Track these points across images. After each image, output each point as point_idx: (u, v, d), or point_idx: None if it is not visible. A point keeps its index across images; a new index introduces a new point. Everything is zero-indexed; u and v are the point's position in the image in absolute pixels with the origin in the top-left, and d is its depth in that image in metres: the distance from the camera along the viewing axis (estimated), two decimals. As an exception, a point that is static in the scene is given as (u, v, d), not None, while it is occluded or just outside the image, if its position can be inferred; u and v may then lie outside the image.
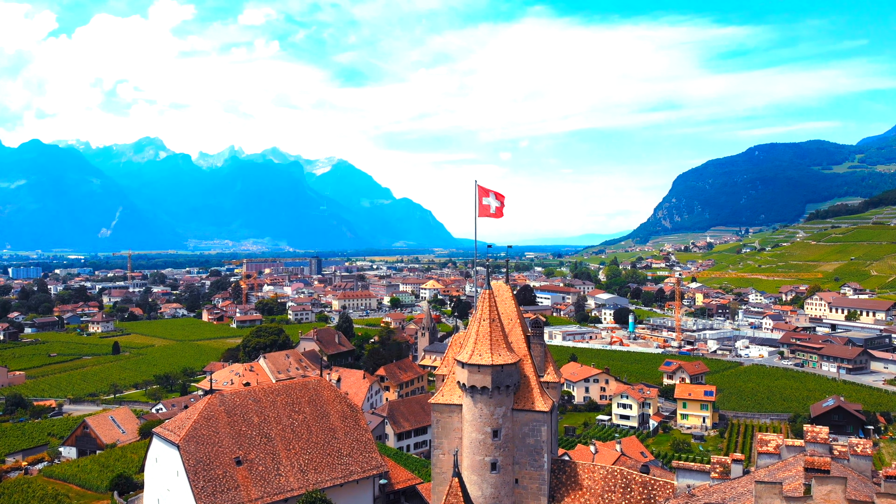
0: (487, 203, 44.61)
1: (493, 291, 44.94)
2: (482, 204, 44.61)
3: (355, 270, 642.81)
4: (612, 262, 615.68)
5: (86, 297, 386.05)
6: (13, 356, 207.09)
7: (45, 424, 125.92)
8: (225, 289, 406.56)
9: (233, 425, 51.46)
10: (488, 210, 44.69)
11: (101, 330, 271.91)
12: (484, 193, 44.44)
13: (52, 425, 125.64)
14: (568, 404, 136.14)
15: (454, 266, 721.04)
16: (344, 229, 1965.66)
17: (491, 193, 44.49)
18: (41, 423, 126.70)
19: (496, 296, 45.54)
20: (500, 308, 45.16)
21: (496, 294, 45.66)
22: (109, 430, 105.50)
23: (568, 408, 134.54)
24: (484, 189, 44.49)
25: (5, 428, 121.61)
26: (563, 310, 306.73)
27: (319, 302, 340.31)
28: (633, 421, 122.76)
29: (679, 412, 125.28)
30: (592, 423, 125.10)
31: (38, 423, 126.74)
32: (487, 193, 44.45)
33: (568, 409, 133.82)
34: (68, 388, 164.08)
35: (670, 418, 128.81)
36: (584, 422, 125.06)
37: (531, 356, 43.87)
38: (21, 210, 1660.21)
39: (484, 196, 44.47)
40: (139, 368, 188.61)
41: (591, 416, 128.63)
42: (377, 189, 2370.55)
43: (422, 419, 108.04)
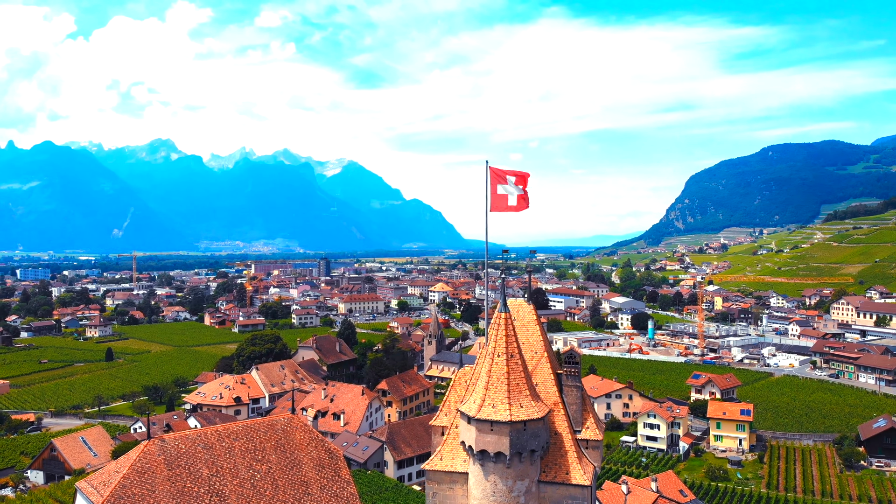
0: (504, 193, 32.79)
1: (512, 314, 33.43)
2: (496, 194, 32.87)
3: (364, 272, 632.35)
4: (625, 264, 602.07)
5: (87, 299, 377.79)
6: (3, 362, 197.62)
7: (19, 441, 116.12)
8: (231, 291, 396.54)
9: (174, 481, 40.01)
10: (504, 202, 32.94)
11: (99, 334, 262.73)
12: (498, 178, 32.58)
13: (28, 442, 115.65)
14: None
15: (464, 268, 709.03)
16: (354, 230, 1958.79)
17: (509, 178, 32.59)
18: (16, 440, 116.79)
19: (517, 320, 34.00)
20: (521, 337, 33.58)
21: (517, 318, 34.11)
22: (79, 452, 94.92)
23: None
24: (499, 173, 32.65)
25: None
26: (577, 314, 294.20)
27: (325, 305, 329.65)
28: (661, 443, 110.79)
29: (712, 433, 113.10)
30: (616, 444, 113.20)
31: (13, 440, 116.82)
32: (503, 178, 32.55)
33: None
34: (53, 398, 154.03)
35: (702, 439, 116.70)
36: (607, 443, 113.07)
37: (564, 404, 32.29)
38: (33, 211, 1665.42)
39: (498, 182, 32.61)
40: (130, 377, 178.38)
41: (614, 437, 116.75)
42: (387, 190, 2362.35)
43: (426, 443, 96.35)
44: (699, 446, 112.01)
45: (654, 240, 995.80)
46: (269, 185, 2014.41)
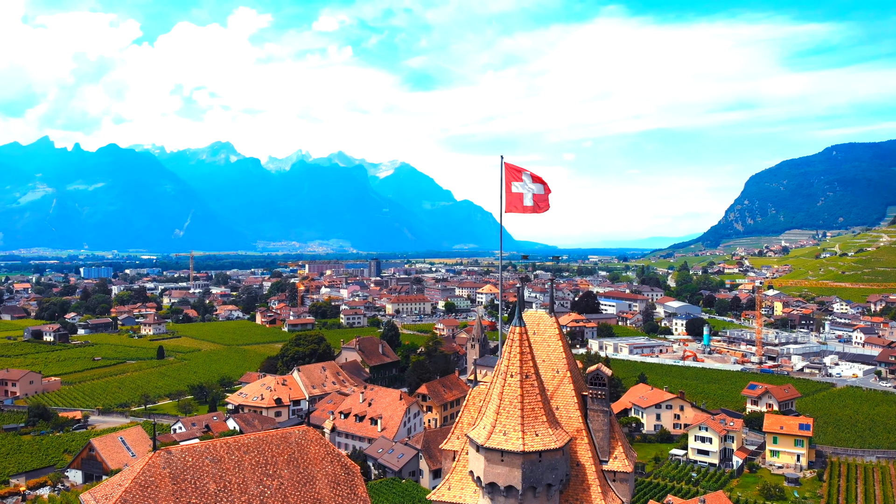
0: (519, 192, 29.60)
1: (529, 328, 30.17)
2: (510, 193, 29.71)
3: (414, 273, 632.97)
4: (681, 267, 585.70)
5: (145, 297, 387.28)
6: (58, 359, 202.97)
7: (64, 439, 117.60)
8: (284, 290, 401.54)
9: (179, 496, 38.08)
10: (520, 202, 29.75)
11: (153, 332, 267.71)
12: (514, 176, 29.42)
13: (72, 440, 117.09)
14: (636, 433, 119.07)
15: (514, 269, 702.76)
16: (405, 231, 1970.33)
17: (525, 175, 29.39)
18: (61, 438, 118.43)
19: (537, 334, 30.72)
20: (541, 353, 30.32)
21: (536, 331, 30.80)
22: (117, 452, 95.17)
23: (636, 437, 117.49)
24: (514, 169, 29.48)
25: (22, 442, 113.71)
26: (629, 319, 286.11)
27: (374, 305, 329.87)
28: (713, 457, 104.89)
29: (768, 448, 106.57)
30: (664, 457, 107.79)
31: (58, 438, 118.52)
32: (519, 175, 29.38)
33: (636, 440, 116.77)
34: (102, 396, 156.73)
35: (757, 454, 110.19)
36: (655, 456, 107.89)
37: (588, 431, 28.85)
38: (99, 211, 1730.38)
39: (513, 180, 29.45)
40: (179, 376, 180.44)
41: (663, 449, 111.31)
42: (439, 191, 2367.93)
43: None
44: (754, 462, 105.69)
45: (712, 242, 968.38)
46: (325, 186, 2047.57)
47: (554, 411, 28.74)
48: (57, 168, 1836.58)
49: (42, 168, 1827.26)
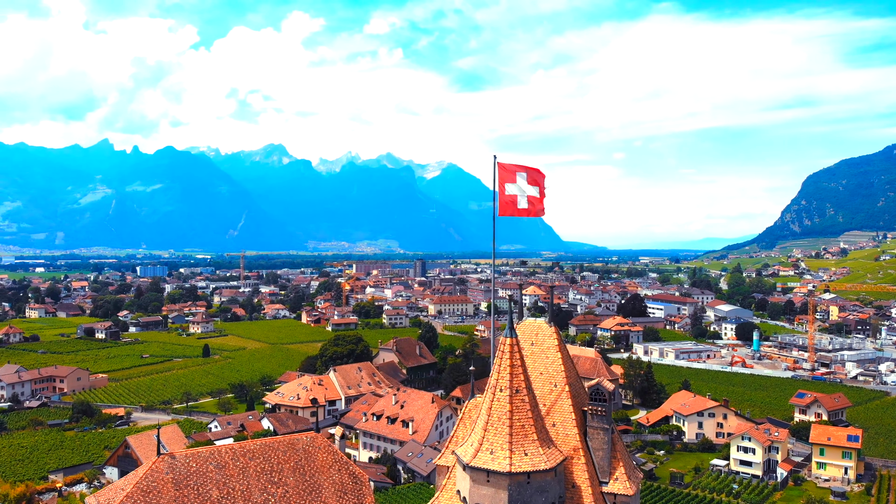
0: (513, 193, 27.99)
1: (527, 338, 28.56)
2: (504, 195, 28.14)
3: (459, 273, 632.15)
4: (734, 269, 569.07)
5: (196, 296, 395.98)
6: (107, 356, 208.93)
7: (106, 436, 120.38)
8: (330, 290, 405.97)
9: (181, 502, 37.65)
10: (514, 205, 28.13)
11: (201, 331, 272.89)
12: (507, 177, 27.80)
13: (113, 437, 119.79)
14: (677, 441, 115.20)
15: (560, 270, 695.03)
16: (452, 232, 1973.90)
17: (520, 175, 27.77)
18: (103, 434, 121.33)
19: (535, 345, 29.04)
20: (539, 366, 28.61)
21: (534, 342, 29.14)
22: (152, 450, 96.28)
23: (677, 446, 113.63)
24: (508, 169, 27.86)
25: (65, 438, 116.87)
26: (677, 322, 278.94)
27: (416, 306, 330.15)
28: (756, 468, 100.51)
29: (815, 459, 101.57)
30: (705, 467, 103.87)
31: (101, 434, 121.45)
32: (513, 175, 27.74)
33: (676, 448, 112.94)
34: (146, 393, 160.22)
35: (803, 465, 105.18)
36: (696, 466, 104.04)
37: (587, 450, 27.02)
38: (156, 212, 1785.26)
39: (507, 181, 27.84)
40: (222, 374, 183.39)
41: (704, 459, 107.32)
42: (485, 192, 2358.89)
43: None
44: (799, 474, 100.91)
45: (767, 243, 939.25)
46: (373, 187, 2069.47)
47: (551, 428, 27.09)
48: (116, 170, 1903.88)
49: (102, 170, 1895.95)
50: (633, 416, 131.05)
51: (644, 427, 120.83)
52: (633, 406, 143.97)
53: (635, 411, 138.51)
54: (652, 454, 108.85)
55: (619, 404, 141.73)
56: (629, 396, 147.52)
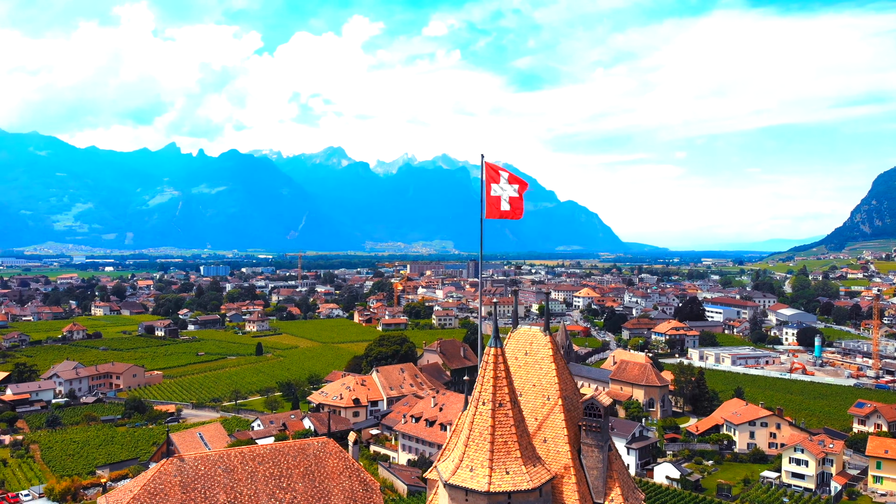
0: (497, 194, 26.88)
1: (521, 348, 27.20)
2: (490, 196, 27.03)
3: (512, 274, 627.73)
4: (799, 272, 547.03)
5: (254, 295, 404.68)
6: (165, 354, 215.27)
7: (155, 432, 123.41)
8: (383, 290, 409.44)
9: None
10: (497, 207, 27.00)
11: (256, 329, 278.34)
12: (493, 177, 26.74)
13: (163, 433, 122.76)
14: (727, 451, 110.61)
15: (618, 272, 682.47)
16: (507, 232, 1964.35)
17: (503, 176, 26.69)
18: (152, 431, 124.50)
19: (529, 355, 27.60)
20: (532, 377, 27.17)
21: (528, 351, 27.69)
22: (194, 447, 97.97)
23: (726, 456, 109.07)
24: (494, 170, 26.77)
25: (116, 433, 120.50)
26: (736, 327, 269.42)
27: (467, 307, 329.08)
28: (808, 481, 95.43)
29: (871, 473, 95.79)
30: (755, 479, 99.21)
31: (150, 430, 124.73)
32: (497, 176, 26.67)
33: (726, 459, 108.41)
34: (198, 390, 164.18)
35: (860, 479, 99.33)
36: (745, 477, 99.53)
37: (581, 469, 25.41)
38: (221, 213, 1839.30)
39: (493, 181, 26.79)
40: (273, 372, 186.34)
41: (754, 470, 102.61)
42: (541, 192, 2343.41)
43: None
44: (854, 488, 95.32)
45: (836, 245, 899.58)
46: (429, 188, 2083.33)
47: (542, 444, 25.64)
48: (183, 172, 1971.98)
49: (169, 172, 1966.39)
50: (683, 424, 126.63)
51: (693, 435, 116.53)
52: (684, 413, 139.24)
53: (685, 419, 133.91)
54: (700, 464, 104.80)
55: (668, 411, 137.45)
56: (680, 403, 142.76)
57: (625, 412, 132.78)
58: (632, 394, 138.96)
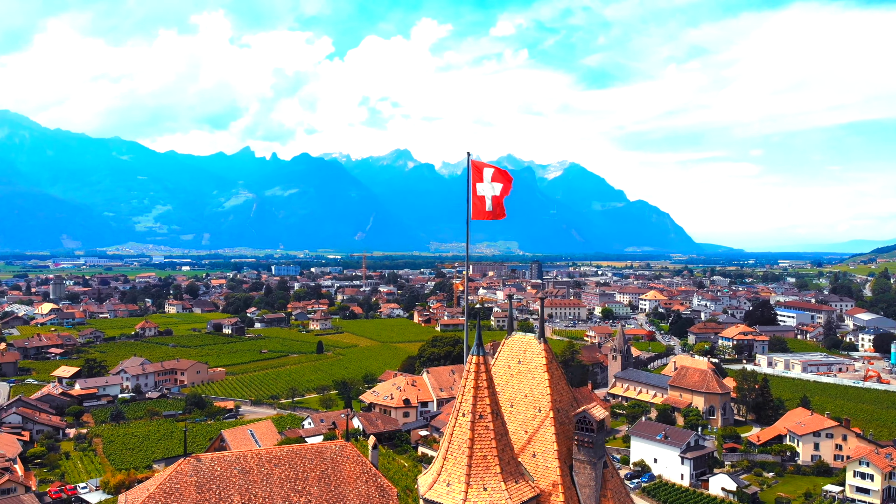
0: (482, 194, 26.11)
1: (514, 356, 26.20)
2: (476, 195, 26.23)
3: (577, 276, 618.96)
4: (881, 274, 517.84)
5: (319, 294, 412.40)
6: (230, 351, 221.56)
7: (214, 427, 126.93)
8: (444, 290, 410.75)
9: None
10: (483, 207, 26.22)
11: (319, 328, 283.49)
12: (479, 176, 26.06)
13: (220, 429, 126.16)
14: (789, 463, 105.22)
15: (689, 274, 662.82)
16: (573, 233, 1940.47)
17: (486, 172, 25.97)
18: (211, 426, 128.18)
19: (522, 363, 26.57)
20: (524, 387, 26.11)
21: (521, 360, 26.64)
22: (245, 444, 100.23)
23: (788, 468, 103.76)
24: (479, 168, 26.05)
25: (176, 429, 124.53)
26: (809, 332, 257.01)
27: (527, 308, 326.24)
28: (874, 496, 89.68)
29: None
30: (817, 493, 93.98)
31: (209, 426, 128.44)
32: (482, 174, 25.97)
33: (788, 471, 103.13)
34: (259, 387, 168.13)
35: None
36: (807, 491, 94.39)
37: (572, 486, 24.18)
38: (293, 215, 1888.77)
39: (478, 181, 26.07)
40: (331, 371, 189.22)
41: (817, 484, 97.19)
42: (610, 191, 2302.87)
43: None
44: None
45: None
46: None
47: (531, 458, 24.55)
48: (256, 175, 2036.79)
49: (244, 175, 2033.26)
50: (744, 434, 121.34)
51: (754, 446, 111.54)
52: (746, 422, 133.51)
53: (748, 428, 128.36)
54: (759, 476, 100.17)
55: (730, 420, 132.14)
56: (742, 412, 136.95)
57: (683, 420, 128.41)
58: (691, 401, 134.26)
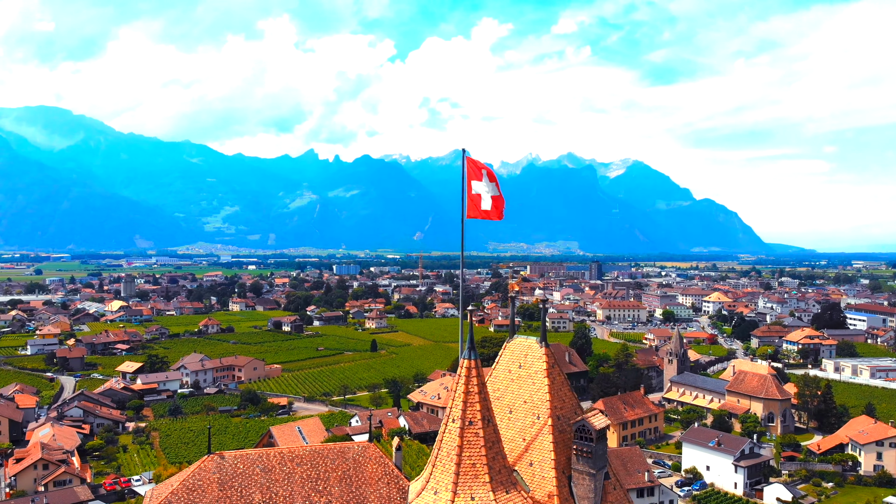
0: (478, 192, 25.55)
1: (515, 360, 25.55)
2: (471, 194, 25.68)
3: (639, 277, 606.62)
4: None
5: (376, 293, 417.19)
6: (288, 348, 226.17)
7: (266, 423, 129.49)
8: (499, 291, 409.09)
9: (223, 502, 38.66)
10: (478, 206, 25.60)
11: (374, 326, 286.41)
12: (474, 174, 25.45)
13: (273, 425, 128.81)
14: (850, 473, 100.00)
15: (757, 275, 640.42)
16: (636, 233, 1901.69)
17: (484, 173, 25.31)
18: (264, 422, 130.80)
19: (523, 368, 25.83)
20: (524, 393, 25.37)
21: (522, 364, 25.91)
22: (293, 441, 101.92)
23: (849, 479, 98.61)
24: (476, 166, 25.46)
25: (230, 424, 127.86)
26: (880, 336, 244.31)
27: (584, 310, 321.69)
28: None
29: None
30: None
31: (262, 422, 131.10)
32: (479, 173, 25.42)
33: (848, 481, 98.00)
34: (313, 384, 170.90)
35: None
36: (867, 502, 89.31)
37: (571, 497, 23.33)
38: (354, 215, 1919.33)
39: (474, 178, 25.46)
40: (383, 369, 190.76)
41: (879, 495, 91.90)
42: (675, 190, 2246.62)
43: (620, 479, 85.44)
44: None
45: None
46: (553, 188, 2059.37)
47: (527, 468, 23.84)
48: (320, 177, 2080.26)
49: (308, 177, 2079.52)
50: (804, 442, 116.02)
51: (814, 454, 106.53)
52: (808, 430, 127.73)
53: (808, 436, 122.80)
54: (818, 486, 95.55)
55: (790, 427, 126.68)
56: (803, 419, 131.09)
57: (740, 427, 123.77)
58: (749, 407, 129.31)
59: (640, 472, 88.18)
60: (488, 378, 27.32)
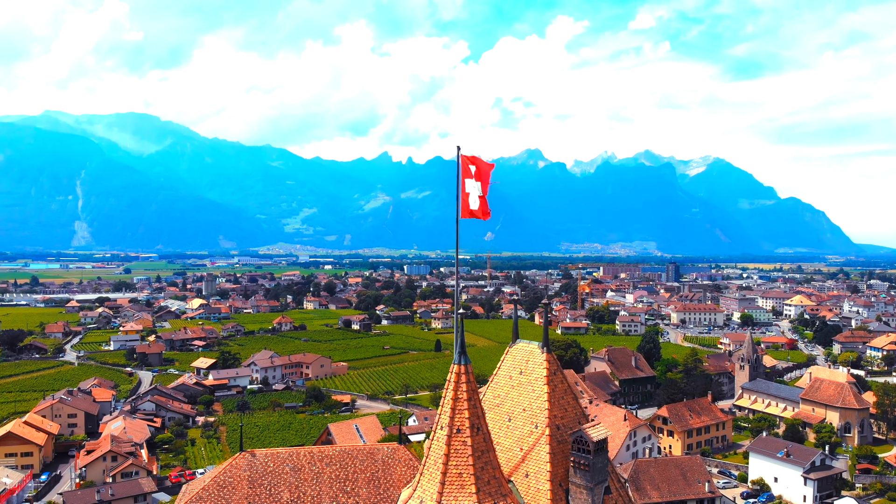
0: (469, 191, 25.15)
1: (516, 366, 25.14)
2: (465, 192, 25.22)
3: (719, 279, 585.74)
4: None
5: (444, 293, 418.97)
6: (356, 346, 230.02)
7: (329, 420, 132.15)
8: (569, 292, 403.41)
9: (252, 500, 39.46)
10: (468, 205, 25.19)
11: (441, 326, 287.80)
12: (467, 172, 25.04)
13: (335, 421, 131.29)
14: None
15: (845, 277, 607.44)
16: (718, 233, 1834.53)
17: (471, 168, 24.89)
18: (327, 419, 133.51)
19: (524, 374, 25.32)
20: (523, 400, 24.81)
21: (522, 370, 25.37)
22: (350, 439, 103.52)
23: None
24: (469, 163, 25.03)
25: (294, 420, 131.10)
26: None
27: (658, 313, 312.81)
28: None
29: None
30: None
31: (325, 418, 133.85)
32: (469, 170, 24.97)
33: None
34: (377, 382, 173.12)
35: None
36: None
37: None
38: (426, 216, 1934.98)
39: (466, 177, 25.01)
40: (445, 369, 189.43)
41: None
42: (758, 188, 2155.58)
43: (679, 489, 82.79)
44: None
45: None
46: (629, 187, 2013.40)
47: (523, 479, 23.23)
48: (393, 179, 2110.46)
49: (382, 179, 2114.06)
50: (883, 454, 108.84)
51: (892, 467, 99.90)
52: (887, 441, 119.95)
53: (888, 447, 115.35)
54: (893, 500, 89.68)
55: (868, 438, 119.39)
56: (883, 429, 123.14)
57: (815, 437, 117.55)
58: (825, 416, 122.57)
59: (701, 483, 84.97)
60: (490, 384, 26.93)
